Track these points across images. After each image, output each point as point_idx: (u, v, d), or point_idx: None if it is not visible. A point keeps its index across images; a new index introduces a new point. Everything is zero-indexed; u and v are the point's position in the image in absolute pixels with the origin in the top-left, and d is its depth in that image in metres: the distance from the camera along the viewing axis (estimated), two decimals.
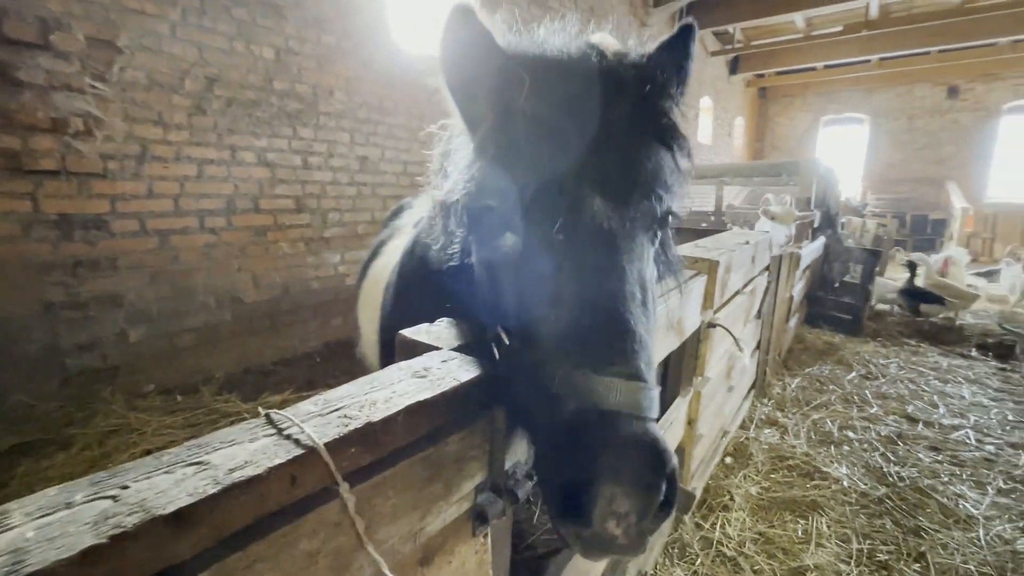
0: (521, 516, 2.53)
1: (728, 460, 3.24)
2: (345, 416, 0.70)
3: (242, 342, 4.52)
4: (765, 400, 4.16)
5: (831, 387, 4.50)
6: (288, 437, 0.65)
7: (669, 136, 0.97)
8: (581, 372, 0.75)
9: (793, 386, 4.47)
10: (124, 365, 3.83)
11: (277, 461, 0.60)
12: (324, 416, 0.70)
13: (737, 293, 2.80)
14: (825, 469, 3.15)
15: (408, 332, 1.08)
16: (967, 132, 16.55)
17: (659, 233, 1.00)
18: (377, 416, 0.70)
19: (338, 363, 4.86)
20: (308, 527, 0.63)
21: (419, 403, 0.75)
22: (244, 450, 0.62)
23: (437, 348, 1.00)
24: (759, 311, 3.59)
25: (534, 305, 0.85)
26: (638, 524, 0.69)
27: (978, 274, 10.21)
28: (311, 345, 5.07)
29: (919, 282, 6.88)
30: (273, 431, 0.66)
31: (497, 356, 0.91)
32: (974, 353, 5.65)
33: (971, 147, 16.50)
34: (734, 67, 15.77)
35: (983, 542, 2.55)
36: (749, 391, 3.99)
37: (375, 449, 0.70)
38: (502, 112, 0.93)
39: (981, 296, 7.45)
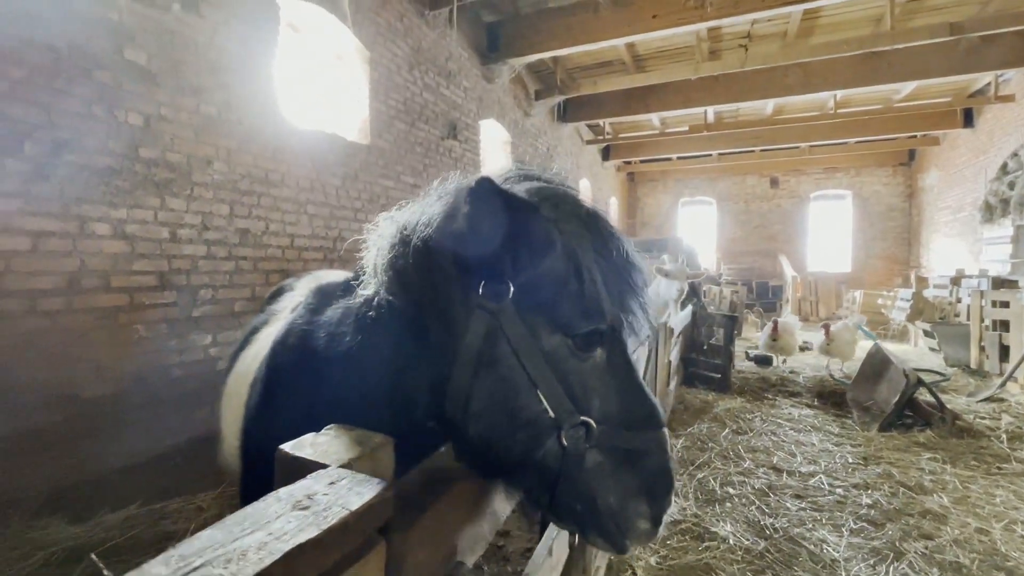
0: None
1: None
2: None
3: (74, 447, 3.72)
4: None
5: (710, 444, 4.86)
6: None
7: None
8: (641, 431, 1.10)
9: (679, 447, 4.76)
10: None
11: None
12: None
13: None
14: (713, 529, 3.31)
15: (289, 447, 0.97)
16: (788, 214, 20.30)
17: None
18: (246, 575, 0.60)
19: (203, 463, 4.14)
20: None
21: (299, 548, 0.66)
22: None
23: (324, 466, 0.90)
24: (643, 377, 3.85)
25: (595, 396, 1.10)
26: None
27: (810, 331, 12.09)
28: (169, 444, 4.33)
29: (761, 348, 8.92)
30: None
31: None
32: (816, 403, 6.55)
33: (792, 226, 20.21)
34: (606, 154, 17.88)
35: None
36: None
37: None
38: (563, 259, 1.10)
39: (813, 349, 9.27)
